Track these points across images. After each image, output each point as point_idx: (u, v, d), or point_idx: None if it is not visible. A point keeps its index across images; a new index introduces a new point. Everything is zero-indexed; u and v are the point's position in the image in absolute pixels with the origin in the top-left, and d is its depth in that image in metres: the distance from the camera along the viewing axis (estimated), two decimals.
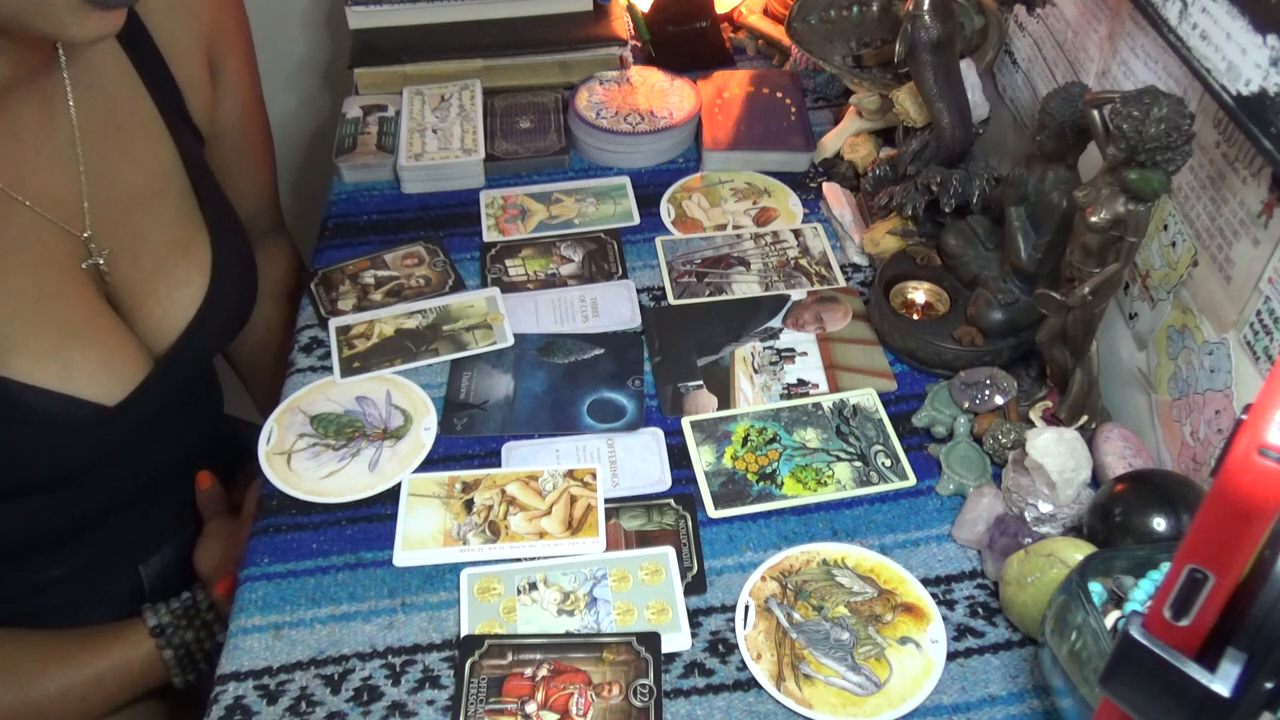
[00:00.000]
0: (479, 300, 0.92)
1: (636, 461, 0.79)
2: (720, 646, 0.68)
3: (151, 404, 0.80)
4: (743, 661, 0.67)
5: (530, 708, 0.64)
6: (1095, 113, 0.68)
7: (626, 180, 1.06)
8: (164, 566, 0.93)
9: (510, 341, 0.88)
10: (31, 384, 0.72)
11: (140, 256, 0.81)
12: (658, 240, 0.99)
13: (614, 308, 0.92)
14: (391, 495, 0.77)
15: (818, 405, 0.83)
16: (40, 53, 0.72)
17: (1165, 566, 0.58)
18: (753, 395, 0.84)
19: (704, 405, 0.84)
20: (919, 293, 0.90)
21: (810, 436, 0.81)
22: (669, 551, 0.73)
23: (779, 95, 1.13)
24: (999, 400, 0.80)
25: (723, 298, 0.93)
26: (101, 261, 0.78)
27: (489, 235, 0.99)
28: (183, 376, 0.85)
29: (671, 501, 0.76)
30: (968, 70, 0.90)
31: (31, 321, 0.73)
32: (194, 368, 0.87)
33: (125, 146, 0.80)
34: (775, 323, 0.90)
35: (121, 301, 0.81)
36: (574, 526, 0.74)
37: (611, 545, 0.73)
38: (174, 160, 0.84)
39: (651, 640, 0.67)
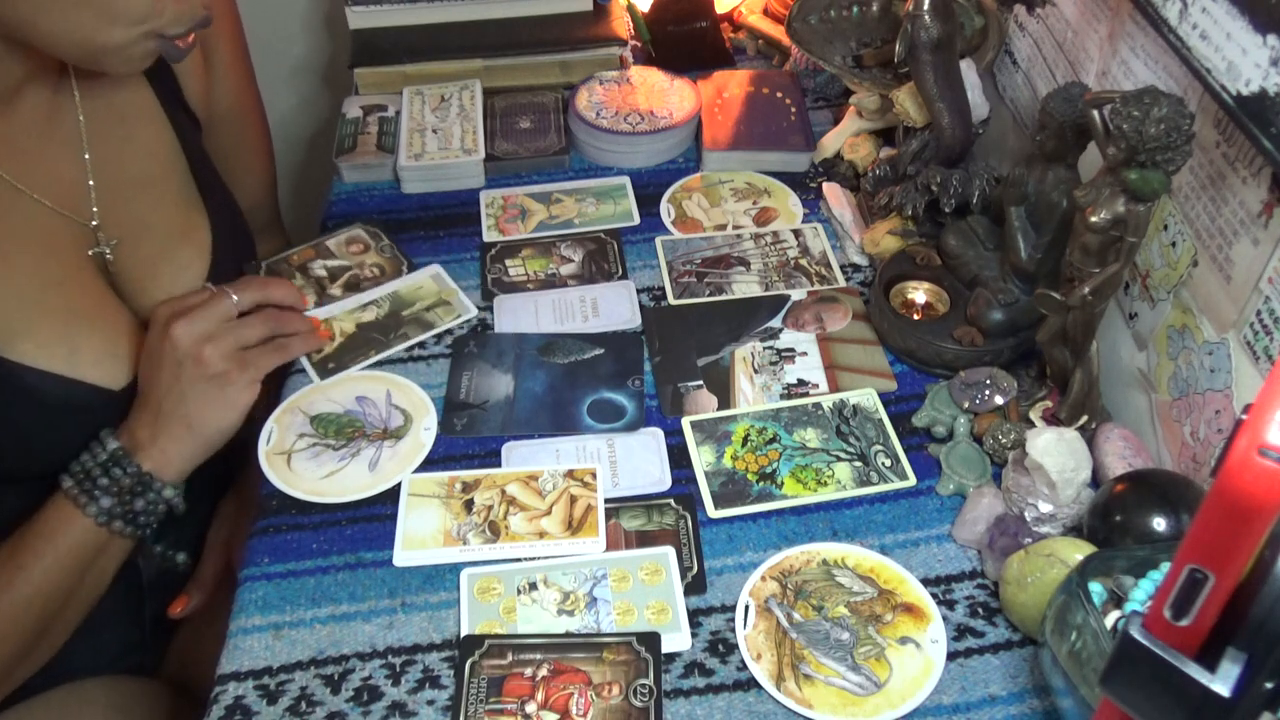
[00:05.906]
0: (425, 280, 0.94)
1: (636, 461, 0.79)
2: (720, 646, 0.68)
3: None
4: (743, 661, 0.67)
5: (530, 708, 0.64)
6: (1095, 113, 0.68)
7: (626, 180, 1.06)
8: (162, 559, 0.92)
9: (473, 311, 0.90)
10: (38, 368, 0.73)
11: (143, 242, 0.83)
12: (658, 240, 0.99)
13: (614, 308, 0.92)
14: (391, 495, 0.77)
15: (818, 405, 0.83)
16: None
17: (1165, 566, 0.58)
18: (753, 395, 0.84)
19: (704, 405, 0.84)
20: (919, 293, 0.90)
21: (810, 436, 0.81)
22: (669, 551, 0.73)
23: (779, 95, 1.13)
24: (999, 400, 0.80)
25: (723, 298, 0.93)
26: (109, 250, 0.80)
27: (489, 235, 0.99)
28: None
29: (671, 501, 0.76)
30: (968, 70, 0.90)
31: (39, 307, 0.74)
32: None
33: (127, 133, 0.82)
34: (775, 323, 0.90)
35: (125, 287, 0.82)
36: (574, 526, 0.74)
37: (611, 545, 0.73)
38: (174, 145, 0.86)
39: (651, 640, 0.67)
